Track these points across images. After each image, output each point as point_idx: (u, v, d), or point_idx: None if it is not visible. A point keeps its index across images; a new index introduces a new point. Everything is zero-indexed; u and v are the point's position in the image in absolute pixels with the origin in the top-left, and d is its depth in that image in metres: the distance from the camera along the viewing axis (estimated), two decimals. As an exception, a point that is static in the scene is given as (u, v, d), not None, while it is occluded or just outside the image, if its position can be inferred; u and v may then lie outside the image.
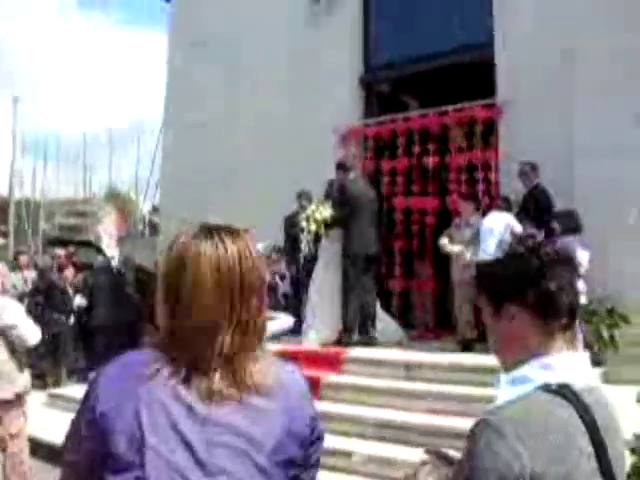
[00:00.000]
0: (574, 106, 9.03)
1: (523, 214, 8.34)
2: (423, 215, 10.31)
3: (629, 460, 4.36)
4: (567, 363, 1.59)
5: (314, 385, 7.12)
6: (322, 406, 6.90)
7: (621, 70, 8.75)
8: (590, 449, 1.48)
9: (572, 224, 7.89)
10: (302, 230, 9.29)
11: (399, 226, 10.44)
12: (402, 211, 10.47)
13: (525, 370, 1.60)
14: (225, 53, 12.62)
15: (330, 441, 6.30)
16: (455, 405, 6.56)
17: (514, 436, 1.40)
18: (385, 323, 9.12)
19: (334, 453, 6.08)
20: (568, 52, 9.09)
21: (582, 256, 7.75)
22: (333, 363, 7.80)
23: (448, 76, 10.62)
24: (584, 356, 1.66)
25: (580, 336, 7.81)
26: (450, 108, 10.25)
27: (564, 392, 1.52)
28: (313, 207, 9.08)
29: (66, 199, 28.35)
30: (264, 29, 12.01)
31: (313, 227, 8.95)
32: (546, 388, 1.53)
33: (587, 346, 8.07)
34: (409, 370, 7.40)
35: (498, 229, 7.98)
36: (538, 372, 1.58)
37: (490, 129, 9.87)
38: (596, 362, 8.24)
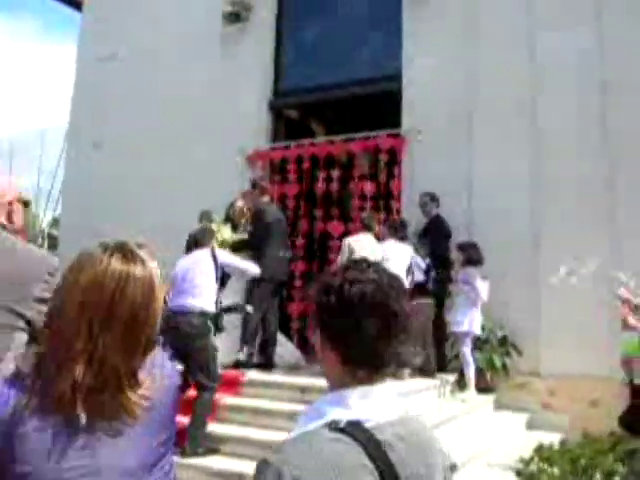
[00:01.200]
0: (473, 140, 9.37)
1: (420, 244, 8.55)
2: (326, 239, 10.43)
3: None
4: (366, 397, 1.52)
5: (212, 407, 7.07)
6: (219, 428, 6.88)
7: (518, 103, 9.17)
8: None
9: (475, 256, 8.14)
10: None
11: (301, 250, 10.49)
12: (304, 235, 10.55)
13: (320, 403, 1.55)
14: (134, 69, 12.47)
15: (224, 463, 6.28)
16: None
17: (291, 478, 1.36)
18: (283, 346, 9.13)
19: (229, 476, 6.06)
20: (471, 85, 9.46)
21: (482, 287, 8.03)
22: (232, 385, 7.74)
23: (356, 105, 10.83)
24: (389, 387, 1.57)
25: (472, 365, 8.05)
26: (356, 136, 10.44)
27: (352, 430, 1.45)
28: (214, 228, 9.06)
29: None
30: (175, 48, 11.94)
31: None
32: (333, 426, 1.46)
33: (480, 373, 8.32)
34: (305, 393, 7.43)
35: (402, 260, 8.14)
36: (331, 407, 1.51)
37: (394, 159, 10.08)
38: (488, 389, 8.52)
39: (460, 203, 9.15)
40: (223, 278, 9.31)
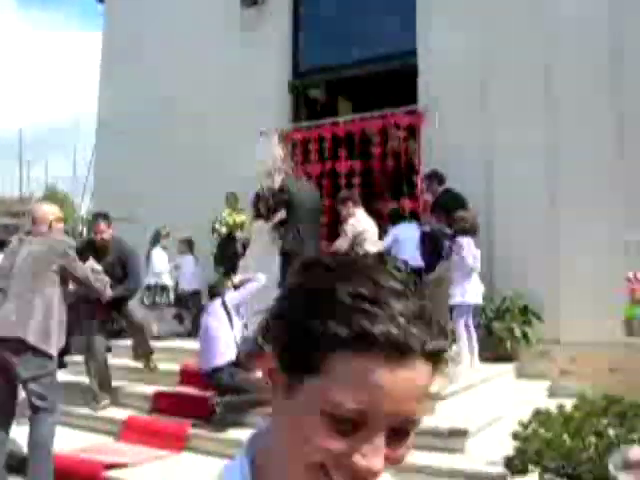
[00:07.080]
0: (489, 109, 9.43)
1: (430, 216, 8.72)
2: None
3: (512, 444, 4.68)
4: None
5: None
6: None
7: (533, 71, 9.20)
8: None
9: (466, 225, 7.84)
10: (213, 231, 9.83)
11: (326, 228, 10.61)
12: (328, 213, 10.67)
13: None
14: (156, 54, 12.59)
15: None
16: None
17: None
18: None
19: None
20: (487, 66, 9.50)
21: (472, 255, 7.75)
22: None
23: (375, 83, 10.90)
24: None
25: (464, 338, 7.82)
26: (374, 114, 10.54)
27: None
28: (227, 212, 9.87)
29: (1, 198, 27.73)
30: (193, 32, 12.09)
31: (224, 230, 9.80)
32: None
33: (500, 342, 8.44)
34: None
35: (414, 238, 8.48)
36: None
37: (413, 135, 10.17)
38: (508, 358, 8.63)
39: (478, 173, 9.22)
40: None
